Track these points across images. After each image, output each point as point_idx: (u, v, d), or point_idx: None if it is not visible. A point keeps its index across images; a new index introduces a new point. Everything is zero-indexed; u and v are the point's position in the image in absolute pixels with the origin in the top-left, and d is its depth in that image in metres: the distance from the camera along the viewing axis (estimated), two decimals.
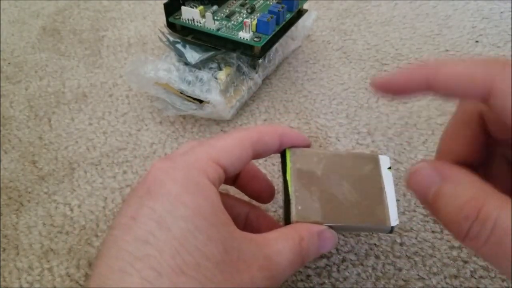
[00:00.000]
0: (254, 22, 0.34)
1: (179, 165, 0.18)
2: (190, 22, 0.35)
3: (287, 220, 0.20)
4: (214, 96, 0.32)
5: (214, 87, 0.33)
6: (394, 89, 0.18)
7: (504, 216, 0.13)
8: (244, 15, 0.36)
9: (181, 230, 0.16)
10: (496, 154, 0.19)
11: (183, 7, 0.35)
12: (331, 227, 0.20)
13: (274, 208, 0.29)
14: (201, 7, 0.35)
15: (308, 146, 0.23)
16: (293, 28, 0.38)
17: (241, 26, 0.35)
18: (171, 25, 0.37)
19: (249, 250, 0.18)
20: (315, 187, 0.21)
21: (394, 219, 0.21)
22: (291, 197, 0.20)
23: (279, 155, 0.23)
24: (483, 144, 0.18)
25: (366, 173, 0.22)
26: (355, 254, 0.26)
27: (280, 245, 0.19)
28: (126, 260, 0.15)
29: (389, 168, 0.22)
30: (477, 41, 0.42)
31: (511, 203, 0.14)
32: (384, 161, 0.22)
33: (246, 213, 0.24)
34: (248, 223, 0.24)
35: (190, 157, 0.19)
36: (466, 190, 0.15)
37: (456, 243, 0.26)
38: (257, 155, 0.21)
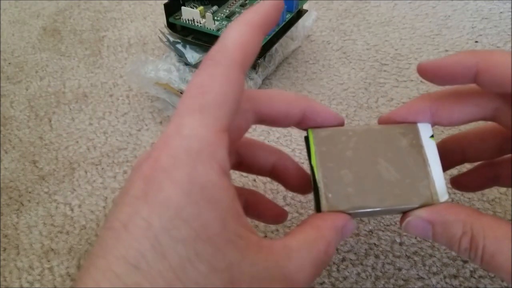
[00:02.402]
0: None
1: (180, 156, 0.15)
2: (190, 23, 0.35)
3: (318, 210, 0.18)
4: None
5: None
6: (441, 75, 0.18)
7: (488, 235, 0.16)
8: None
9: (179, 259, 0.14)
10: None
11: (183, 8, 0.35)
12: (368, 213, 0.18)
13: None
14: (201, 7, 0.35)
15: (341, 124, 0.20)
16: (293, 28, 0.38)
17: None
18: (171, 26, 0.37)
19: (264, 271, 0.15)
20: (346, 170, 0.19)
21: (442, 194, 0.18)
22: (319, 184, 0.18)
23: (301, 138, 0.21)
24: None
25: (405, 145, 0.19)
26: (355, 253, 0.26)
27: (303, 259, 0.16)
28: (113, 284, 0.13)
29: (432, 136, 0.19)
30: (476, 41, 0.42)
31: (493, 222, 0.17)
32: (425, 129, 0.19)
33: (273, 161, 0.22)
34: (248, 210, 0.22)
35: (192, 140, 0.15)
36: (456, 228, 0.17)
37: None
38: (264, 118, 0.19)
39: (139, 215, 0.14)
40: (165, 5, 0.36)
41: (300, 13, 0.39)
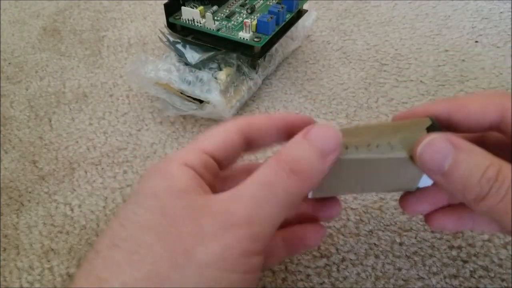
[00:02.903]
0: (254, 22, 0.34)
1: (161, 161, 0.19)
2: (190, 22, 0.35)
3: None
4: (214, 96, 0.33)
5: (214, 87, 0.33)
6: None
7: None
8: (244, 15, 0.36)
9: (125, 212, 0.17)
10: None
11: (183, 8, 0.35)
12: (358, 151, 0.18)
13: None
14: (201, 7, 0.35)
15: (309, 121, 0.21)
16: (293, 28, 0.38)
17: (241, 26, 0.35)
18: (171, 25, 0.37)
19: (202, 205, 0.16)
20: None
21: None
22: None
23: None
24: None
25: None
26: (355, 253, 0.26)
27: (247, 180, 0.17)
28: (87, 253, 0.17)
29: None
30: (476, 41, 0.42)
31: None
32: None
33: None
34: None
35: (176, 152, 0.20)
36: (483, 157, 0.16)
37: (456, 243, 0.26)
38: (251, 140, 0.20)
39: (125, 205, 0.18)
40: (165, 5, 0.35)
41: (300, 13, 0.39)
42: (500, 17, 0.45)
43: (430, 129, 0.18)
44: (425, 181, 0.19)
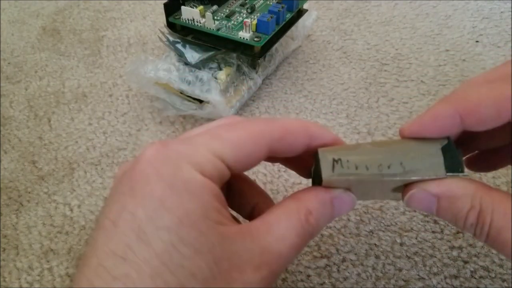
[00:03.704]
0: (254, 22, 0.34)
1: (170, 156, 0.16)
2: (190, 22, 0.35)
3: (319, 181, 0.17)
4: (214, 96, 0.32)
5: (214, 87, 0.33)
6: (427, 134, 0.17)
7: (497, 210, 0.16)
8: (244, 15, 0.36)
9: (164, 244, 0.14)
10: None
11: (183, 7, 0.35)
12: (363, 179, 0.17)
13: None
14: (201, 7, 0.35)
15: None
16: (293, 28, 0.38)
17: (241, 26, 0.35)
18: (171, 25, 0.37)
19: (243, 248, 0.16)
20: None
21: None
22: (319, 154, 0.17)
23: None
24: None
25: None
26: (355, 254, 0.26)
27: (283, 229, 0.16)
28: (104, 279, 0.14)
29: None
30: (477, 41, 0.42)
31: (504, 197, 0.16)
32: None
33: (255, 203, 0.22)
34: (256, 214, 0.22)
35: (187, 147, 0.16)
36: (463, 202, 0.16)
37: (456, 243, 0.26)
38: (274, 156, 0.18)
39: (126, 209, 0.15)
40: (165, 5, 0.35)
41: (300, 13, 0.39)
42: (500, 16, 0.45)
43: (445, 148, 0.17)
44: None
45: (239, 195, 0.21)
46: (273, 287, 0.25)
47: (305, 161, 0.20)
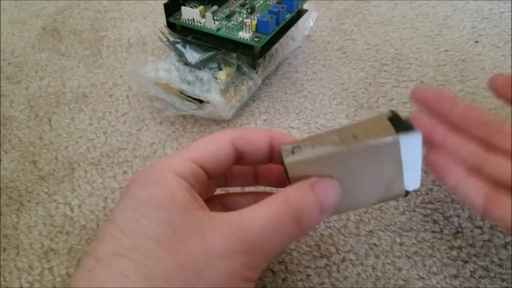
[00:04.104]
0: (254, 22, 0.34)
1: (149, 168, 0.19)
2: (190, 22, 0.35)
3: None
4: (214, 96, 0.32)
5: (214, 87, 0.33)
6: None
7: None
8: (244, 15, 0.36)
9: (125, 220, 0.17)
10: None
11: (183, 7, 0.35)
12: (331, 156, 0.18)
13: None
14: (201, 7, 0.35)
15: None
16: (293, 28, 0.38)
17: (241, 26, 0.35)
18: (171, 25, 0.37)
19: (208, 222, 0.17)
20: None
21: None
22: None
23: None
24: None
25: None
26: (355, 254, 0.26)
27: (257, 211, 0.17)
28: (81, 260, 0.17)
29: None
30: (477, 41, 0.42)
31: None
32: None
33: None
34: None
35: (164, 159, 0.19)
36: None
37: (456, 243, 0.26)
38: (243, 154, 0.21)
39: (115, 209, 0.18)
40: (165, 5, 0.35)
41: (300, 13, 0.39)
42: (500, 17, 0.45)
43: (391, 118, 0.18)
44: (413, 183, 0.19)
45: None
46: (273, 286, 0.25)
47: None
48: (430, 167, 0.23)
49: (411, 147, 0.18)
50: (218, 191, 0.25)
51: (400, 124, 0.18)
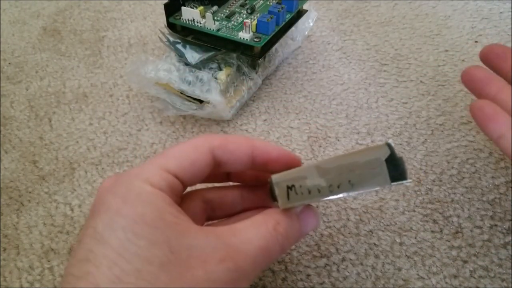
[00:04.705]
0: (254, 23, 0.34)
1: (122, 179, 0.18)
2: (190, 23, 0.35)
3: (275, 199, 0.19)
4: (214, 96, 0.33)
5: (214, 87, 0.33)
6: None
7: None
8: (244, 16, 0.36)
9: (119, 241, 0.16)
10: None
11: (183, 8, 0.35)
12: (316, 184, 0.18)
13: None
14: (201, 7, 0.35)
15: (294, 163, 0.21)
16: (293, 28, 0.38)
17: (241, 26, 0.35)
18: (171, 26, 0.37)
19: (206, 244, 0.17)
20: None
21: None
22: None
23: None
24: None
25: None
26: (355, 253, 0.26)
27: (249, 233, 0.18)
28: (70, 282, 0.15)
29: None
30: (476, 41, 0.42)
31: None
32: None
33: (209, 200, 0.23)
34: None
35: (136, 169, 0.18)
36: None
37: (456, 243, 0.26)
38: (222, 163, 0.20)
39: (88, 226, 0.17)
40: (165, 5, 0.36)
41: (300, 13, 0.39)
42: (500, 17, 0.45)
43: (388, 159, 0.17)
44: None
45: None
46: (273, 286, 0.25)
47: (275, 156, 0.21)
48: (473, 115, 0.23)
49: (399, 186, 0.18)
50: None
51: (394, 170, 0.17)
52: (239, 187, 0.24)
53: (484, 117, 0.22)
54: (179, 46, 0.35)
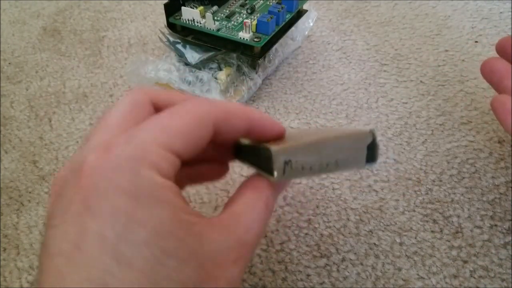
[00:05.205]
0: (254, 23, 0.34)
1: (121, 163, 0.14)
2: (190, 23, 0.35)
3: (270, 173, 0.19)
4: (214, 96, 0.33)
5: (214, 87, 0.33)
6: None
7: None
8: (244, 16, 0.36)
9: (147, 261, 0.13)
10: None
11: (183, 8, 0.35)
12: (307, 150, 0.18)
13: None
14: (201, 7, 0.35)
15: (282, 134, 0.20)
16: (293, 28, 0.38)
17: (241, 26, 0.35)
18: (171, 26, 0.37)
19: (223, 245, 0.16)
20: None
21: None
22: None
23: None
24: None
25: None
26: (355, 253, 0.26)
27: (249, 220, 0.17)
28: None
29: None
30: (476, 41, 0.42)
31: None
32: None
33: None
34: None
35: (136, 148, 0.14)
36: None
37: (456, 243, 0.26)
38: (218, 135, 0.17)
39: (89, 230, 0.13)
40: (165, 5, 0.36)
41: (300, 13, 0.39)
42: (500, 17, 0.45)
43: (370, 145, 0.19)
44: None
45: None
46: (273, 286, 0.25)
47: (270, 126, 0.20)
48: (494, 109, 0.23)
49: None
50: None
51: (370, 153, 0.19)
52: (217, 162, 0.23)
53: (504, 111, 0.22)
54: (179, 46, 0.35)
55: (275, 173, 0.18)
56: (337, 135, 0.19)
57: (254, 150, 0.20)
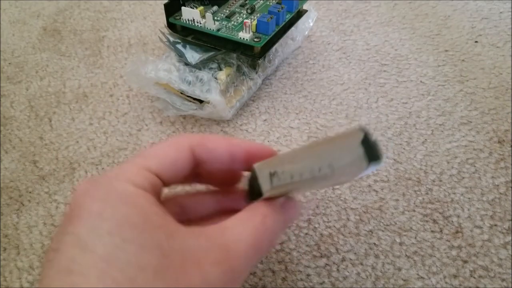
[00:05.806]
0: (254, 23, 0.34)
1: (100, 182, 0.17)
2: (190, 23, 0.35)
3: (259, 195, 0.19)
4: (214, 96, 0.33)
5: (214, 87, 0.33)
6: None
7: None
8: (244, 16, 0.36)
9: (106, 247, 0.14)
10: None
11: (183, 8, 0.35)
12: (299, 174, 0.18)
13: None
14: (201, 7, 0.35)
15: (270, 153, 0.21)
16: (293, 28, 0.38)
17: (241, 26, 0.35)
18: (171, 26, 0.37)
19: (198, 246, 0.16)
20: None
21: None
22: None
23: None
24: None
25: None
26: (355, 253, 0.26)
27: (239, 230, 0.17)
28: None
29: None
30: (476, 41, 0.42)
31: None
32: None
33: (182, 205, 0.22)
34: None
35: (114, 170, 0.17)
36: None
37: (456, 243, 0.26)
38: (201, 162, 0.20)
39: (65, 233, 0.15)
40: (165, 5, 0.36)
41: (300, 13, 0.39)
42: (500, 17, 0.45)
43: (364, 141, 0.17)
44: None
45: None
46: (273, 286, 0.25)
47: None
48: None
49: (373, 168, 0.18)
50: None
51: (370, 151, 0.17)
52: (214, 192, 0.23)
53: None
54: (179, 46, 0.35)
55: (262, 186, 0.18)
56: (325, 139, 0.18)
57: (248, 181, 0.20)
